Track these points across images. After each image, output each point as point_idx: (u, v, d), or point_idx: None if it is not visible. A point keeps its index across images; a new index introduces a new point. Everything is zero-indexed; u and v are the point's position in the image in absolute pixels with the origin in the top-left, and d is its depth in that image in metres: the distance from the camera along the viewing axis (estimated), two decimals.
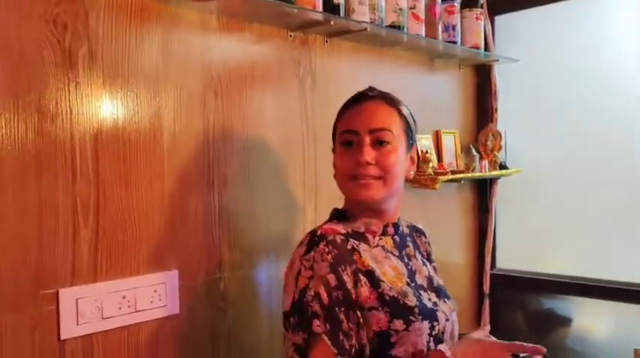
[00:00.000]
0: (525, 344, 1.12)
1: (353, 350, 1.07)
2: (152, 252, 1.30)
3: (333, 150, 1.28)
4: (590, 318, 2.10)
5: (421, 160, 1.98)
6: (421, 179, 1.95)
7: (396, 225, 1.27)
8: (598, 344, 2.05)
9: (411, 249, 1.30)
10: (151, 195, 1.30)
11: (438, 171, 1.99)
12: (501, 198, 2.31)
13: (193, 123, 1.38)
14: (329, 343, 1.05)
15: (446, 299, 1.26)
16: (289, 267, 1.17)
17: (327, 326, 1.06)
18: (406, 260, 1.26)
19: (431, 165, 1.97)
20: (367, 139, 1.19)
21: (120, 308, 1.23)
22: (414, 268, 1.26)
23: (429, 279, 1.28)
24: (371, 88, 1.28)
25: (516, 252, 2.31)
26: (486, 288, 2.30)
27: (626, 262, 1.98)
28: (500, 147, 2.23)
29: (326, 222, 1.24)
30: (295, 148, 1.62)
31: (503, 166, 2.24)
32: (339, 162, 1.23)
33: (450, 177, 1.99)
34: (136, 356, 1.27)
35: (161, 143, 1.32)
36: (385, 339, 1.11)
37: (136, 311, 1.25)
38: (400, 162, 1.22)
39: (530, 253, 2.28)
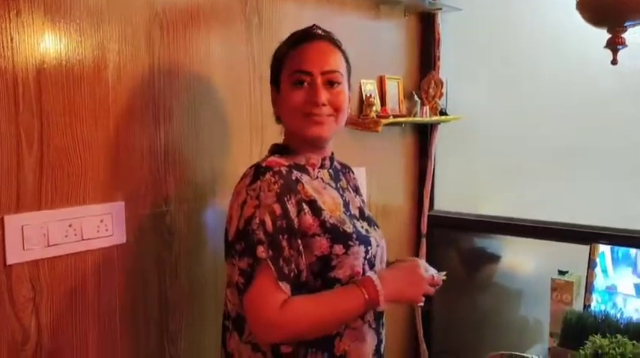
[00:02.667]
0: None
1: (292, 274, 1.15)
2: (98, 182, 1.32)
3: (275, 86, 1.31)
4: (516, 255, 2.27)
5: (365, 104, 2.05)
6: (364, 122, 2.02)
7: (331, 159, 1.35)
8: (522, 278, 2.22)
9: (343, 182, 1.38)
10: (96, 127, 1.31)
11: (381, 114, 2.07)
12: (441, 144, 2.42)
13: (139, 57, 1.39)
14: (272, 268, 1.12)
15: (375, 227, 1.36)
16: (234, 198, 1.21)
17: (270, 252, 1.12)
18: (341, 191, 1.34)
19: (374, 108, 2.04)
20: (319, 80, 1.23)
21: (66, 236, 1.26)
22: (347, 199, 1.34)
23: (360, 210, 1.36)
24: (316, 26, 1.30)
25: (453, 194, 2.44)
26: (424, 229, 2.42)
27: (549, 204, 2.13)
28: (441, 95, 2.31)
29: (267, 157, 1.28)
30: (242, 86, 1.65)
31: (443, 113, 2.33)
32: (290, 100, 1.25)
33: (392, 120, 2.07)
34: (83, 283, 1.31)
35: (105, 76, 1.33)
36: (326, 263, 1.19)
37: (82, 240, 1.29)
38: (347, 102, 1.29)
39: (465, 196, 2.42)
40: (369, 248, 1.25)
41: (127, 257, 1.39)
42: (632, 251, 1.58)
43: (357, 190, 1.44)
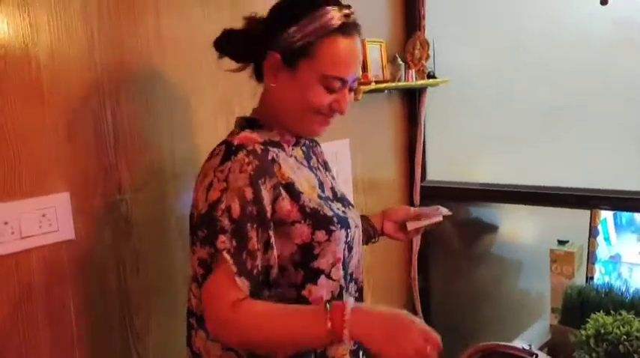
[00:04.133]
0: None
1: (255, 270, 1.02)
2: (36, 173, 1.19)
3: (289, 65, 1.09)
4: (513, 224, 2.13)
5: None
6: None
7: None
8: (521, 248, 2.10)
9: (314, 160, 1.25)
10: (28, 112, 1.17)
11: (361, 81, 1.91)
12: (431, 110, 2.27)
13: (73, 29, 1.24)
14: (230, 261, 0.99)
15: (350, 207, 1.23)
16: (200, 180, 1.08)
17: (233, 242, 1.00)
18: (314, 171, 1.21)
19: None
20: (348, 87, 1.12)
21: (2, 236, 1.13)
22: (321, 179, 1.21)
23: (333, 190, 1.23)
24: (351, 10, 1.11)
25: (445, 163, 2.30)
26: (417, 201, 2.29)
27: (547, 168, 1.99)
28: (427, 56, 2.16)
29: (236, 132, 1.12)
30: (201, 57, 1.49)
31: (431, 76, 2.18)
32: (317, 100, 1.09)
33: (373, 87, 1.92)
34: (28, 286, 1.19)
35: (35, 53, 1.18)
36: (309, 251, 1.08)
37: (22, 238, 1.16)
38: None
39: (458, 163, 2.28)
40: (348, 231, 1.14)
41: (79, 253, 1.27)
42: (637, 216, 1.44)
43: (325, 166, 1.31)
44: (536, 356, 0.88)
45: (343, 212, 1.17)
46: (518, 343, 0.98)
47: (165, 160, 1.43)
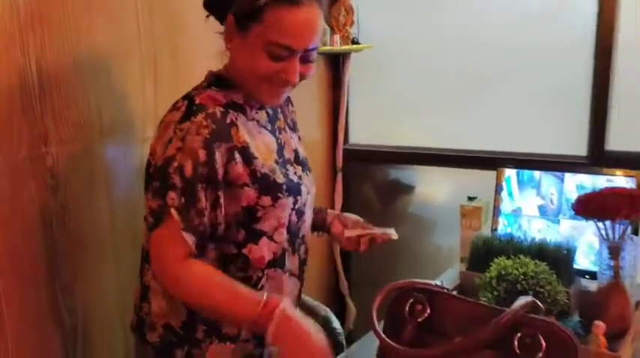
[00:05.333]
0: None
1: (201, 227, 1.08)
2: None
3: (239, 24, 1.10)
4: (429, 185, 2.28)
5: None
6: None
7: None
8: (436, 206, 2.25)
9: (281, 121, 1.28)
10: None
11: None
12: (356, 75, 2.34)
13: None
14: (177, 217, 1.05)
15: (308, 172, 1.29)
16: (162, 130, 1.11)
17: (182, 199, 1.05)
18: (277, 134, 1.24)
19: None
20: (298, 57, 1.10)
21: None
22: (283, 142, 1.25)
23: (296, 152, 1.28)
24: None
25: (368, 126, 2.40)
26: (339, 163, 2.38)
27: (461, 133, 2.14)
28: (352, 22, 2.23)
29: (202, 87, 1.15)
30: (127, 16, 1.48)
31: (355, 42, 2.25)
32: (260, 68, 1.09)
33: None
34: None
35: None
36: (252, 214, 1.13)
37: None
38: None
39: (380, 127, 2.38)
40: (298, 198, 1.19)
41: (3, 206, 1.25)
42: (537, 173, 1.60)
43: (294, 126, 1.35)
44: (448, 289, 0.99)
45: (299, 177, 1.23)
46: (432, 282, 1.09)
47: (93, 115, 1.42)
